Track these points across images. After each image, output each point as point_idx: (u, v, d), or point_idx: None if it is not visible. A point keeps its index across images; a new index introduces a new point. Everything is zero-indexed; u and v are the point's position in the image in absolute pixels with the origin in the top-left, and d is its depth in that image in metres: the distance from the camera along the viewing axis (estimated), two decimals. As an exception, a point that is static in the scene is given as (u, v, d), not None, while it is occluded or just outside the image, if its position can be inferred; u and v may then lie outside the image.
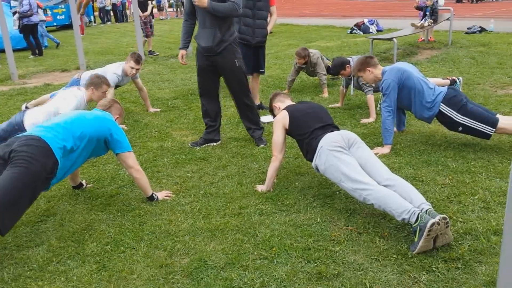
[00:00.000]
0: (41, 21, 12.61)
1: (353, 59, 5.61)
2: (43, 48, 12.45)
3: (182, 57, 4.61)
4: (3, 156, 2.83)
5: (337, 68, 5.64)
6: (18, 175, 2.72)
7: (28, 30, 11.70)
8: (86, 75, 5.35)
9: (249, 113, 4.68)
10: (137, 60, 5.53)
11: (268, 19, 5.79)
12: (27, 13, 11.39)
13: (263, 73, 5.92)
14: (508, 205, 1.10)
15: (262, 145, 4.57)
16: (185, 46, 4.54)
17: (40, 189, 2.90)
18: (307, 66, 6.56)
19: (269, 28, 5.69)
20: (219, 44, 4.26)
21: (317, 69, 6.53)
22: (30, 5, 11.41)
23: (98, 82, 4.47)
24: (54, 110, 4.32)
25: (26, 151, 2.80)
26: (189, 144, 4.66)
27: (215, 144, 4.65)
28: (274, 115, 3.81)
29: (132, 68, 5.53)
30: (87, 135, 3.14)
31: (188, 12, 4.38)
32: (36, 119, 4.32)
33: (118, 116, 3.55)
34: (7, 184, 2.67)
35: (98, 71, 5.50)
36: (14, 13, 12.22)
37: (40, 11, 12.51)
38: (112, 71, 5.54)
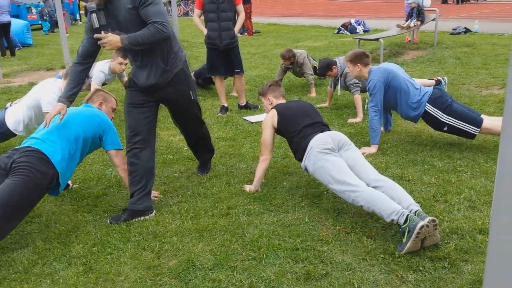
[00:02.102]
0: None
1: (340, 60, 5.63)
2: (16, 48, 11.93)
3: (52, 117, 3.06)
4: (4, 167, 2.89)
5: (323, 69, 5.64)
6: (19, 183, 2.77)
7: (0, 29, 11.28)
8: None
9: (207, 142, 3.93)
10: (124, 55, 5.47)
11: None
12: None
13: (239, 72, 5.77)
14: (494, 204, 1.11)
15: (202, 174, 3.92)
16: (69, 100, 3.14)
17: (39, 198, 2.95)
18: (294, 66, 6.57)
19: (236, 28, 5.55)
20: (164, 76, 3.19)
21: (304, 69, 6.54)
22: None
23: None
24: (34, 103, 4.26)
25: (27, 161, 2.86)
26: (108, 221, 3.21)
27: (149, 216, 3.25)
28: (263, 103, 3.78)
29: (121, 64, 5.48)
30: (80, 136, 3.13)
31: (84, 52, 3.13)
32: (17, 114, 4.26)
33: (100, 101, 3.48)
34: (7, 192, 2.72)
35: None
36: None
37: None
38: (98, 69, 5.48)
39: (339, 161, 3.05)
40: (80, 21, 22.82)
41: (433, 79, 5.61)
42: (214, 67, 5.69)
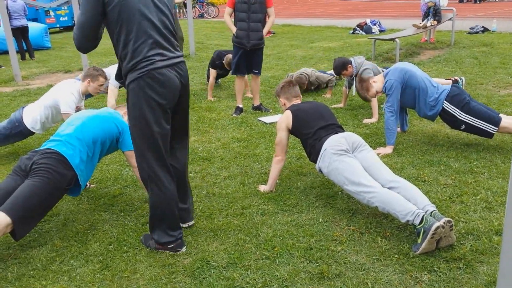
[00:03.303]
0: None
1: (355, 60, 5.61)
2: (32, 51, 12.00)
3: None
4: (24, 168, 2.96)
5: (338, 68, 5.64)
6: (39, 184, 2.83)
7: (17, 33, 11.39)
8: None
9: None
10: None
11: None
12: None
13: (257, 73, 5.82)
14: (508, 205, 1.11)
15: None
16: None
17: (58, 199, 3.01)
18: (308, 86, 6.64)
19: (265, 30, 5.59)
20: (124, 78, 2.65)
21: (323, 80, 6.67)
22: (7, 8, 11.09)
23: (95, 74, 4.42)
24: (51, 103, 4.34)
25: (46, 163, 2.93)
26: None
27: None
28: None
29: None
30: (98, 138, 3.19)
31: None
32: (35, 113, 4.35)
33: (125, 111, 3.55)
34: (27, 193, 2.78)
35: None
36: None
37: None
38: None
39: (354, 162, 3.05)
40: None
41: (450, 79, 5.56)
42: (239, 68, 5.73)
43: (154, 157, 2.63)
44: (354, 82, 5.73)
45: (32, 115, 4.36)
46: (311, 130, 3.35)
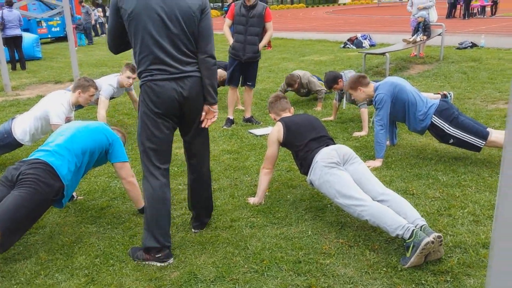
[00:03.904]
0: None
1: (345, 74, 5.66)
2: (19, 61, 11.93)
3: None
4: (11, 179, 2.92)
5: (329, 82, 5.68)
6: (26, 195, 2.80)
7: (10, 43, 11.31)
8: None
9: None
10: (133, 69, 5.55)
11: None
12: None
13: (251, 86, 5.86)
14: (495, 218, 1.11)
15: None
16: None
17: (45, 210, 2.98)
18: (298, 88, 6.64)
19: (261, 44, 5.66)
20: None
21: (312, 87, 6.61)
22: (2, 18, 11.12)
23: (85, 85, 4.39)
24: (41, 114, 4.31)
25: (34, 173, 2.89)
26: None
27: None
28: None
29: (129, 77, 5.54)
30: (87, 149, 3.17)
31: None
32: (24, 125, 4.31)
33: (120, 134, 3.56)
34: (14, 204, 2.74)
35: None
36: None
37: None
38: (107, 82, 5.55)
39: (345, 175, 3.05)
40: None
41: (439, 93, 5.62)
42: (233, 79, 5.77)
43: (148, 155, 2.80)
44: (345, 95, 5.77)
45: (21, 127, 4.32)
46: (302, 142, 3.36)
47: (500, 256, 1.19)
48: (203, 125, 2.91)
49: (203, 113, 2.89)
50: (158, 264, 2.77)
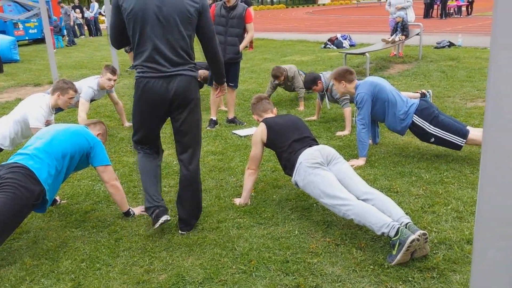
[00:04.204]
0: None
1: (324, 75, 5.71)
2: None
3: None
4: None
5: (309, 83, 5.72)
6: (5, 200, 2.74)
7: None
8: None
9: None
10: (113, 71, 5.49)
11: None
12: None
13: (233, 87, 5.85)
14: (477, 214, 1.14)
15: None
16: None
17: (26, 215, 2.92)
18: (285, 81, 6.62)
19: (241, 45, 5.65)
20: None
21: (295, 83, 6.61)
22: None
23: (64, 87, 4.32)
24: (21, 118, 4.23)
25: (13, 178, 2.83)
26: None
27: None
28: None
29: (110, 79, 5.47)
30: (68, 153, 3.12)
31: None
32: (4, 129, 4.23)
33: (100, 132, 3.53)
34: None
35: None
36: None
37: None
38: (87, 84, 5.47)
39: (329, 175, 3.08)
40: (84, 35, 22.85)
41: (417, 92, 5.70)
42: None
43: (136, 134, 3.15)
44: (326, 95, 5.82)
45: (1, 132, 4.23)
46: (286, 143, 3.37)
47: (482, 251, 1.22)
48: (216, 96, 3.55)
49: (216, 88, 3.46)
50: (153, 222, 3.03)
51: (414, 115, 4.22)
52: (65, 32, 18.95)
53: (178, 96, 2.95)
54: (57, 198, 3.73)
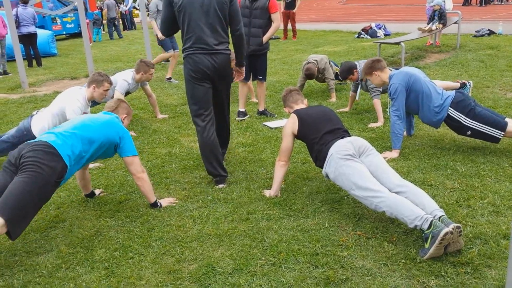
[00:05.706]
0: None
1: (360, 64, 5.60)
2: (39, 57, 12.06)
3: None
4: (14, 162, 2.88)
5: (345, 73, 5.64)
6: (29, 179, 2.75)
7: (25, 40, 11.42)
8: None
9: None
10: (153, 65, 5.69)
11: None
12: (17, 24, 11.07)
13: (262, 80, 5.81)
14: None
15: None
16: None
17: (51, 193, 2.93)
18: (317, 74, 6.56)
19: (265, 36, 5.56)
20: None
21: (326, 74, 6.53)
22: (17, 16, 11.21)
23: (99, 80, 4.42)
24: (58, 111, 4.36)
25: (34, 156, 2.84)
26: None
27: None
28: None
29: (151, 74, 5.69)
30: (96, 140, 3.17)
31: None
32: (43, 122, 4.37)
33: (125, 115, 3.57)
34: (17, 190, 2.71)
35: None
36: None
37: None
38: (122, 78, 5.59)
39: (361, 167, 3.03)
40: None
41: (457, 82, 5.52)
42: None
43: (193, 108, 3.85)
44: (360, 85, 5.72)
45: (40, 124, 4.37)
46: (317, 135, 3.34)
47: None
48: (234, 80, 4.06)
49: (234, 72, 4.04)
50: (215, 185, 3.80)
51: (449, 108, 4.09)
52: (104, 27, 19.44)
53: (220, 69, 3.77)
54: (96, 190, 3.82)
